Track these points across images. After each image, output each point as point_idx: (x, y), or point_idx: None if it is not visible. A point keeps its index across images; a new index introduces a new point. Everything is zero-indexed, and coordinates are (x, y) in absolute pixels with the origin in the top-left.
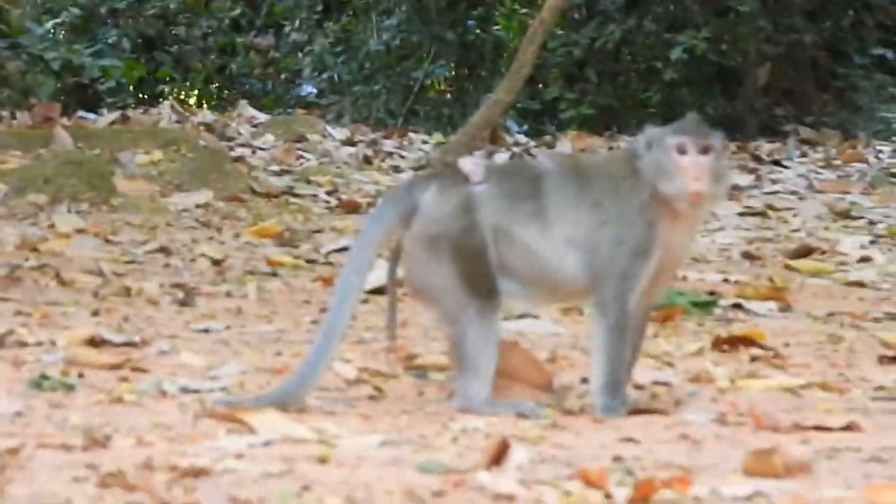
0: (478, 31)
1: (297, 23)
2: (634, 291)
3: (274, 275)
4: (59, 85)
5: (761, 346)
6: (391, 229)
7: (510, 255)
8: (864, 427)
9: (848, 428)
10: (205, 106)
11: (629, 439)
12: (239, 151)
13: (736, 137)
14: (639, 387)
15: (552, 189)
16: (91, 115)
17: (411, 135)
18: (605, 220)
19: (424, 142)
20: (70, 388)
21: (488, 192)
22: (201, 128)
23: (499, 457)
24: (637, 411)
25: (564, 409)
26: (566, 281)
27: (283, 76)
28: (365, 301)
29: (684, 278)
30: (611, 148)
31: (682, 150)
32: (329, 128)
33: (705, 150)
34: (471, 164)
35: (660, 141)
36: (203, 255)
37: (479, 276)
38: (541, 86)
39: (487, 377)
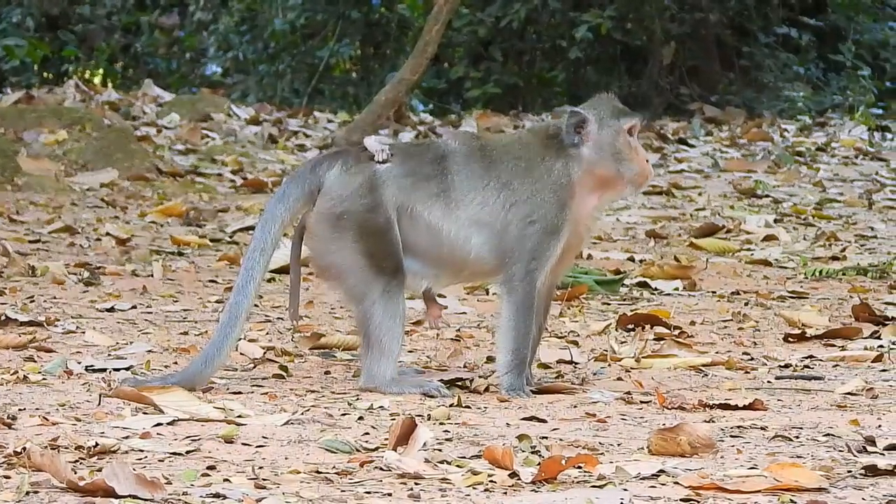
0: (383, 9)
1: (202, 1)
2: (543, 270)
3: (179, 254)
4: None
5: (666, 325)
6: (295, 208)
7: (414, 234)
8: (769, 405)
9: (753, 406)
10: (110, 85)
11: (535, 418)
12: (144, 131)
13: (643, 117)
14: (544, 366)
15: (457, 169)
16: None
17: (316, 114)
18: (515, 201)
19: (330, 121)
20: None
21: (392, 171)
22: (106, 107)
23: (405, 436)
24: (542, 390)
25: (470, 388)
26: (471, 260)
27: (188, 55)
28: (271, 280)
29: (589, 257)
30: (516, 127)
31: (632, 133)
32: (234, 107)
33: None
34: (375, 143)
35: (611, 123)
36: (108, 234)
37: (383, 255)
38: (446, 65)
39: (393, 356)
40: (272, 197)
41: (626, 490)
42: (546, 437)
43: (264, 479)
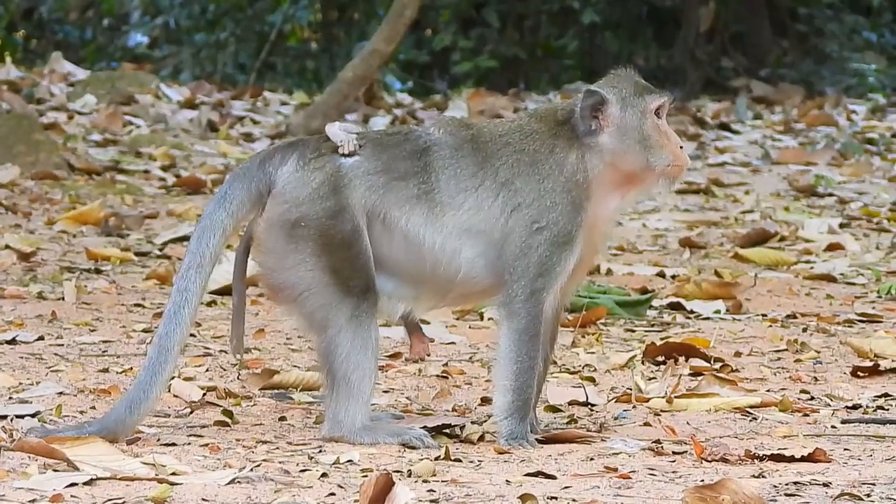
0: None
1: None
2: (551, 289)
3: (97, 271)
4: None
5: (705, 357)
6: (240, 213)
7: (389, 245)
8: (833, 456)
9: (813, 457)
10: (8, 60)
11: (541, 474)
12: (52, 117)
13: (673, 95)
14: (553, 408)
15: (443, 165)
16: None
17: (267, 94)
18: (517, 204)
19: (283, 103)
20: None
21: (361, 167)
22: (4, 87)
23: (380, 497)
24: (551, 439)
25: (460, 437)
26: (461, 279)
27: (105, 22)
28: (210, 303)
29: (609, 272)
30: (517, 110)
31: (660, 115)
32: (164, 86)
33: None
34: (340, 132)
35: (636, 103)
36: (8, 247)
37: (350, 272)
38: (428, 32)
39: (364, 398)
40: (211, 200)
41: None
42: (556, 498)
43: None
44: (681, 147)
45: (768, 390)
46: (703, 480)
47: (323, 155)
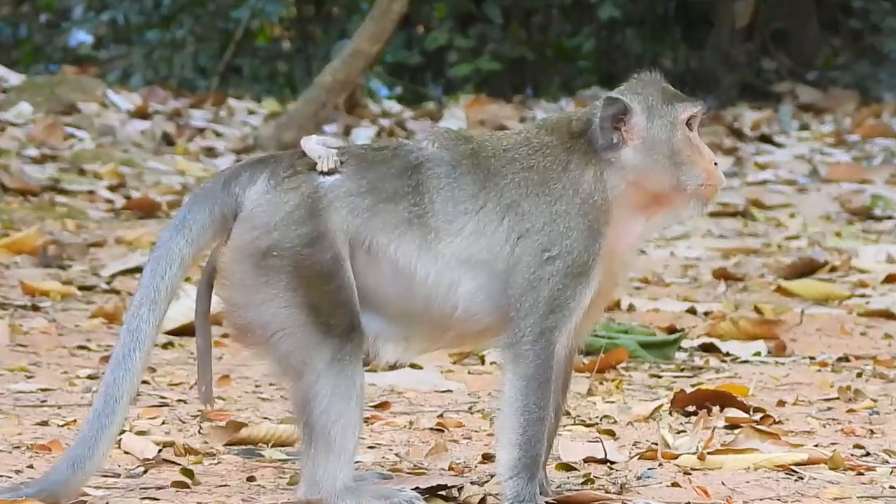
0: None
1: None
2: (565, 329)
3: (34, 308)
4: None
5: (743, 407)
6: (201, 241)
7: (376, 277)
8: None
9: None
10: None
11: None
12: None
13: (705, 102)
14: (566, 466)
15: (438, 185)
16: None
17: (232, 102)
18: (526, 230)
19: (251, 112)
20: None
21: (343, 187)
22: None
23: None
24: (564, 501)
25: (458, 500)
26: (458, 316)
27: (43, 18)
28: (167, 345)
29: (631, 308)
30: (523, 120)
31: (691, 126)
32: (111, 93)
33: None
34: (318, 147)
35: (664, 112)
36: None
37: (331, 309)
38: (420, 30)
39: (347, 454)
40: (168, 226)
41: None
42: None
43: None
44: (715, 164)
45: (816, 445)
46: None
47: (298, 173)
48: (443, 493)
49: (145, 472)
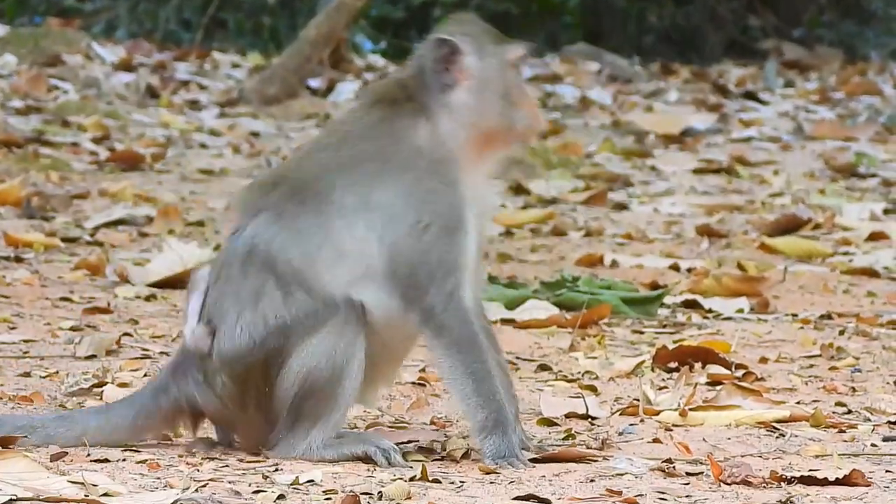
0: None
1: None
2: (465, 284)
3: (17, 259)
4: None
5: (726, 364)
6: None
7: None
8: (873, 479)
9: (850, 480)
10: None
11: (534, 497)
12: None
13: (691, 59)
14: (547, 421)
15: (282, 246)
16: None
17: (216, 55)
18: (390, 216)
19: (235, 66)
20: None
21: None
22: None
23: None
24: (545, 457)
25: (441, 454)
26: (382, 328)
27: None
28: (149, 297)
29: (614, 264)
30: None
31: (517, 68)
32: (96, 45)
33: None
34: (196, 335)
35: (494, 51)
36: None
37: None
38: None
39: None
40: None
41: None
42: None
43: None
44: (537, 105)
45: (798, 402)
46: None
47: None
48: (423, 447)
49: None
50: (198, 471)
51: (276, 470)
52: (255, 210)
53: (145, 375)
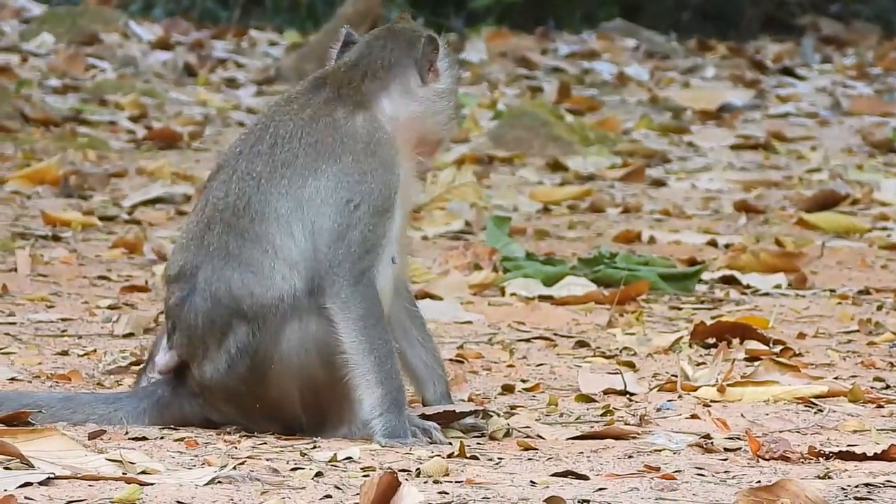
0: None
1: None
2: (380, 264)
3: (55, 238)
4: None
5: (763, 339)
6: None
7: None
8: None
9: (888, 455)
10: None
11: (571, 473)
12: (2, 59)
13: (727, 35)
14: (585, 398)
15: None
16: None
17: (253, 33)
18: (322, 200)
19: (272, 43)
20: None
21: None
22: None
23: (384, 500)
24: (585, 435)
25: (475, 430)
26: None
27: None
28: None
29: (651, 241)
30: (545, 52)
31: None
32: (133, 24)
33: None
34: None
35: (456, 65)
36: None
37: None
38: None
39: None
40: None
41: None
42: (588, 502)
43: None
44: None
45: (836, 378)
46: (759, 482)
47: None
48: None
49: None
50: (235, 448)
51: (314, 447)
52: (197, 263)
53: None
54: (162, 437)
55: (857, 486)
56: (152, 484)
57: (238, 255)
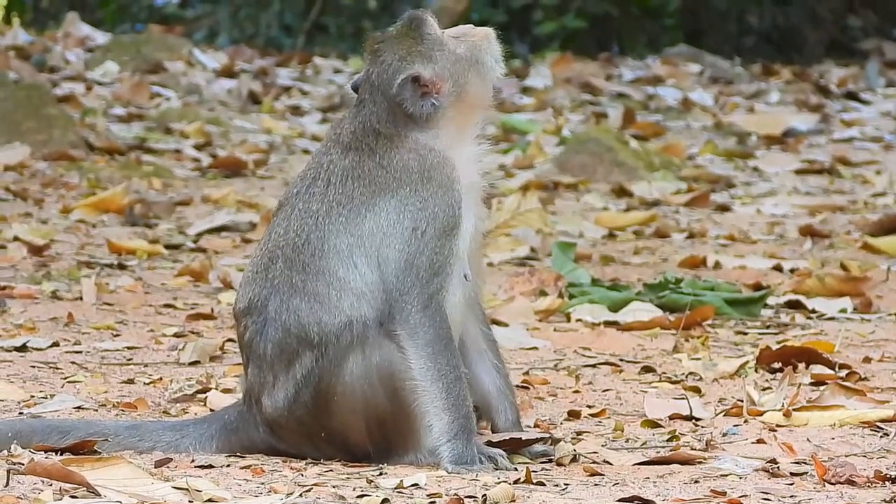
0: None
1: None
2: (448, 286)
3: (120, 267)
4: None
5: (829, 364)
6: None
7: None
8: None
9: None
10: (16, 21)
11: (638, 499)
12: (67, 88)
13: (791, 59)
14: (652, 423)
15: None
16: None
17: (318, 60)
18: (385, 233)
19: (337, 71)
20: None
21: None
22: (11, 54)
23: None
24: (651, 460)
25: (543, 456)
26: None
27: None
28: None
29: (717, 266)
30: (609, 77)
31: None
32: (198, 52)
33: None
34: None
35: (440, 46)
36: (17, 239)
37: None
38: None
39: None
40: None
41: None
42: None
43: None
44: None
45: None
46: None
47: None
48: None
49: None
50: (302, 475)
51: (381, 474)
52: (266, 296)
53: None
54: (228, 465)
55: None
56: None
57: (302, 287)
